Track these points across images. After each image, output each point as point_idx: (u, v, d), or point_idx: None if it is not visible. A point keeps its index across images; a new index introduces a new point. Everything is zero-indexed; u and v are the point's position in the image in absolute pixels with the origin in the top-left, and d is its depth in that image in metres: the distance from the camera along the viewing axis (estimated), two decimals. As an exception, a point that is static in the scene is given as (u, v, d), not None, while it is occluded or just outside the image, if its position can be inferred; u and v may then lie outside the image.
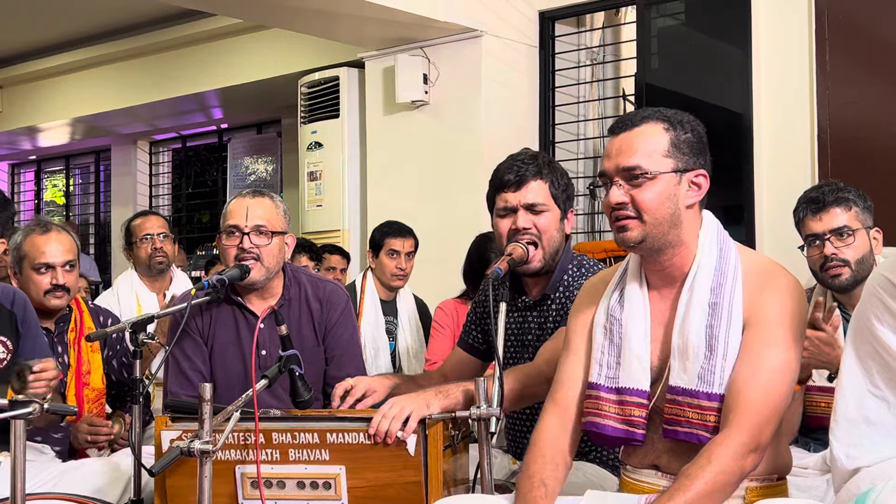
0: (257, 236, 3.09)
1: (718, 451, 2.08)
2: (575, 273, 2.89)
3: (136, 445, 2.71)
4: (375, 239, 5.01)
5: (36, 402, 2.30)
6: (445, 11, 5.75)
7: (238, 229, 3.09)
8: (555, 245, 2.86)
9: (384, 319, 4.99)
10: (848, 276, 3.07)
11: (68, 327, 3.59)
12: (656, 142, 2.22)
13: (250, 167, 9.91)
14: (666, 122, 2.25)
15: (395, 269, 4.93)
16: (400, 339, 5.01)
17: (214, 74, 8.36)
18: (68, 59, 9.25)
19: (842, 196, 3.07)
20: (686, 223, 2.25)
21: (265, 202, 3.15)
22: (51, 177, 12.40)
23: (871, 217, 3.13)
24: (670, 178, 2.21)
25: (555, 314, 2.88)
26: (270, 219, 3.13)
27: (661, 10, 5.94)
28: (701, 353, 2.18)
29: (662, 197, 2.21)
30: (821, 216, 3.09)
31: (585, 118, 6.36)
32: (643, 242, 2.23)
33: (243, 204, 3.12)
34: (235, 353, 3.17)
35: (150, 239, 4.73)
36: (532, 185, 2.84)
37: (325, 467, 2.46)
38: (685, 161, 2.23)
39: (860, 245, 3.06)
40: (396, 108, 6.30)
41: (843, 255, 3.06)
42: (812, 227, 3.11)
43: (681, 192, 2.23)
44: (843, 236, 3.06)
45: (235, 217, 3.11)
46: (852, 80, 5.05)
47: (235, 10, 6.30)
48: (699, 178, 2.25)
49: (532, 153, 2.94)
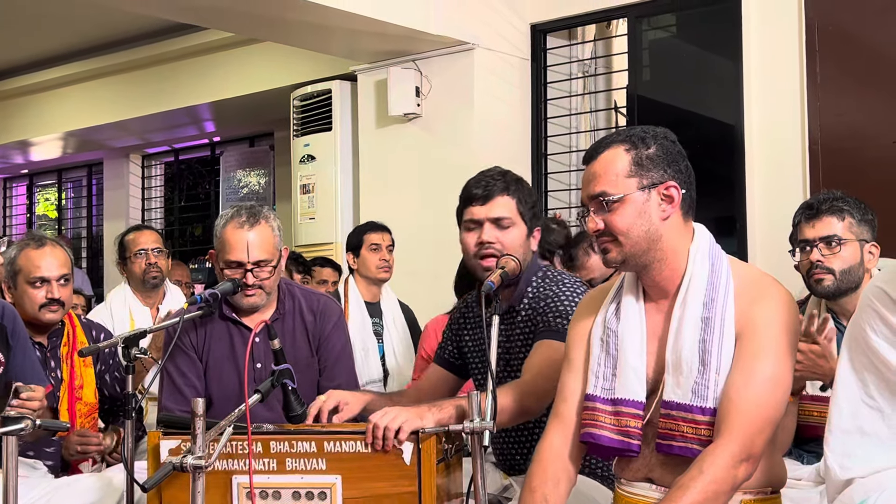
0: (260, 270, 3.10)
1: (710, 460, 2.09)
2: (540, 284, 2.91)
3: (128, 461, 2.70)
4: (353, 240, 5.04)
5: (28, 419, 2.30)
6: (437, 25, 5.76)
7: (241, 265, 3.09)
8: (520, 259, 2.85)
9: (371, 321, 5.00)
10: (830, 284, 3.08)
11: (61, 342, 3.58)
12: (618, 165, 2.26)
13: (243, 180, 9.90)
14: (627, 142, 2.27)
15: (379, 261, 4.95)
16: (386, 339, 5.02)
17: (207, 88, 8.36)
18: (60, 73, 9.24)
19: (836, 206, 3.10)
20: (668, 237, 2.26)
21: (264, 231, 3.11)
22: (43, 191, 12.38)
23: (871, 231, 3.13)
24: (637, 197, 2.24)
25: (521, 325, 2.89)
26: (270, 248, 3.12)
27: (652, 23, 5.96)
28: (694, 367, 2.19)
29: (633, 217, 2.24)
30: (814, 223, 3.12)
31: (577, 130, 6.37)
32: (626, 262, 2.28)
33: (242, 238, 3.08)
34: (230, 368, 3.17)
35: (145, 254, 4.72)
36: (499, 200, 2.87)
37: (321, 477, 2.46)
38: (650, 177, 2.25)
39: (848, 256, 3.07)
40: (389, 121, 6.30)
41: (829, 263, 3.08)
42: (805, 232, 3.14)
43: (651, 207, 2.25)
44: (831, 245, 3.08)
45: (236, 252, 3.08)
46: (843, 91, 5.07)
47: (227, 24, 6.30)
48: (669, 190, 2.25)
49: (501, 170, 2.97)
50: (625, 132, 2.32)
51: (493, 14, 6.05)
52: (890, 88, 4.95)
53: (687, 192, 2.28)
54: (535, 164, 6.24)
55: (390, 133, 6.34)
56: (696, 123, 5.76)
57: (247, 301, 3.13)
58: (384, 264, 4.98)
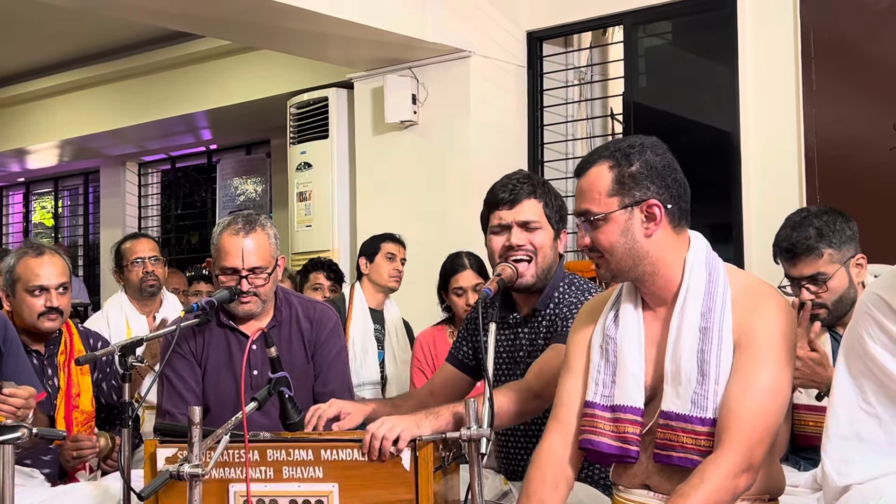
0: (255, 276, 3.10)
1: (711, 470, 2.09)
2: (566, 290, 2.90)
3: (125, 469, 2.69)
4: (369, 246, 5.07)
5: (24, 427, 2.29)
6: (434, 32, 5.77)
7: (236, 272, 3.09)
8: (548, 262, 2.88)
9: (373, 327, 5.01)
10: (825, 316, 3.07)
11: (58, 350, 3.58)
12: (601, 183, 2.27)
13: (239, 188, 9.90)
14: (612, 159, 2.28)
15: (392, 270, 4.99)
16: (387, 346, 5.04)
17: (203, 95, 8.36)
18: (56, 82, 9.24)
19: (813, 245, 3.05)
20: (655, 252, 2.26)
21: (259, 238, 3.12)
22: (39, 199, 12.37)
23: (854, 244, 3.10)
24: (620, 216, 2.25)
25: (545, 330, 2.89)
26: (266, 256, 3.12)
27: (648, 30, 5.98)
28: (693, 378, 2.19)
29: (616, 235, 2.26)
30: (795, 263, 3.10)
31: (574, 137, 6.37)
32: (616, 277, 2.30)
33: (238, 245, 3.09)
34: (228, 375, 3.17)
35: (142, 262, 4.73)
36: (526, 203, 2.87)
37: (319, 485, 2.46)
38: (633, 195, 2.25)
39: (837, 286, 3.05)
40: (385, 129, 6.30)
41: (820, 299, 3.07)
42: (789, 270, 3.13)
43: (634, 225, 2.25)
44: (818, 283, 3.06)
45: (232, 259, 3.09)
46: (839, 97, 5.08)
47: (224, 32, 6.31)
48: (652, 208, 2.25)
49: (527, 173, 2.98)
50: (612, 146, 2.32)
51: (490, 22, 6.06)
52: (886, 95, 4.96)
53: (675, 205, 2.27)
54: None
55: (387, 140, 6.34)
56: (693, 130, 5.77)
57: (242, 308, 3.13)
58: (396, 274, 5.02)
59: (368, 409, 2.83)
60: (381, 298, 5.09)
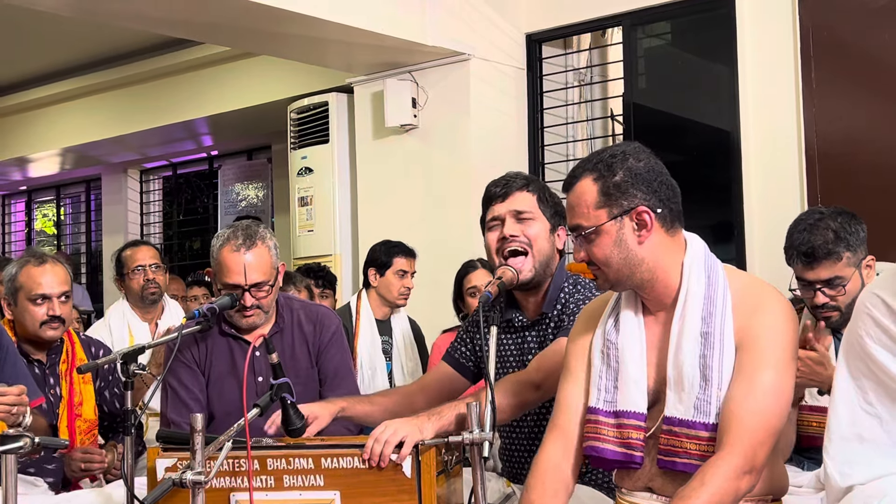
0: (258, 290, 3.10)
1: (712, 472, 2.08)
2: (571, 290, 2.87)
3: (128, 477, 2.70)
4: (381, 257, 4.95)
5: (27, 436, 2.29)
6: (433, 36, 5.77)
7: (239, 288, 3.09)
8: (545, 255, 2.84)
9: (380, 339, 4.98)
10: (837, 319, 3.04)
11: (60, 358, 3.58)
12: (587, 197, 2.27)
13: (241, 193, 9.91)
14: (595, 171, 2.28)
15: (403, 288, 4.91)
16: (395, 356, 4.99)
17: (204, 102, 8.37)
18: (57, 90, 9.26)
19: (833, 249, 3.01)
20: (651, 257, 2.26)
21: (260, 252, 3.11)
22: (41, 207, 12.38)
23: (865, 246, 3.08)
24: (610, 227, 2.25)
25: (552, 333, 2.86)
26: (268, 269, 3.12)
27: (647, 31, 5.98)
28: (696, 383, 2.18)
29: (609, 247, 2.25)
30: (813, 267, 3.05)
31: (574, 139, 6.37)
32: (615, 286, 2.31)
33: (239, 261, 3.08)
34: (232, 383, 3.18)
35: (143, 270, 4.72)
36: (518, 195, 2.85)
37: (320, 493, 2.45)
38: (620, 205, 2.24)
39: (852, 289, 3.01)
40: (386, 133, 6.30)
41: (835, 302, 3.04)
42: (804, 274, 3.08)
43: (626, 234, 2.25)
44: (834, 287, 3.04)
45: (234, 276, 3.09)
46: (838, 96, 5.07)
47: (224, 39, 6.31)
48: (641, 215, 2.25)
49: (522, 173, 2.97)
50: (594, 158, 2.31)
51: (489, 24, 6.06)
52: (885, 93, 4.96)
53: (664, 208, 2.26)
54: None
55: (387, 144, 6.34)
56: (693, 130, 5.77)
57: (245, 321, 3.14)
58: (406, 292, 4.94)
59: (336, 409, 2.80)
60: (388, 310, 5.03)
